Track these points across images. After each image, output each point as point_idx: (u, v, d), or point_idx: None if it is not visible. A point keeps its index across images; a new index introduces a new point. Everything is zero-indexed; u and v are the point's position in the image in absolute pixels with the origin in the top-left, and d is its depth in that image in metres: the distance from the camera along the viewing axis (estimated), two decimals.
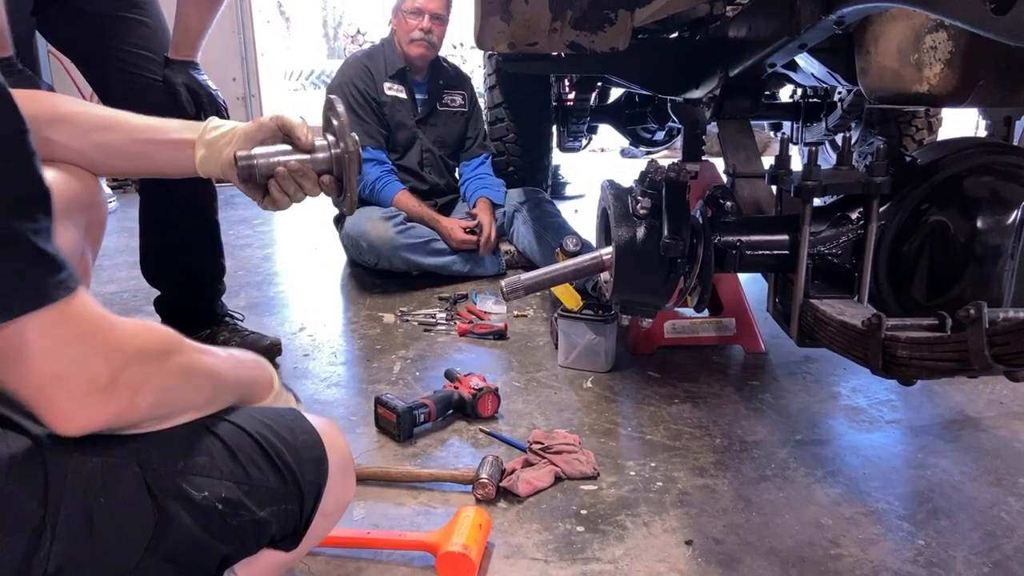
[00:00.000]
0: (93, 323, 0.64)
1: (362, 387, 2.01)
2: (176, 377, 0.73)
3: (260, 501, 0.79)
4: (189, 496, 0.73)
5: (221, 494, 0.75)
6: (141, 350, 0.68)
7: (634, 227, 1.23)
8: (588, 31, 1.88)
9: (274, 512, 0.81)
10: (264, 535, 0.81)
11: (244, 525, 0.78)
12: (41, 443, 0.66)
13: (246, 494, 0.78)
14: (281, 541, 0.85)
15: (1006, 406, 1.90)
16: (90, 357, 0.63)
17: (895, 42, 1.50)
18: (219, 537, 0.76)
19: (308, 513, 0.86)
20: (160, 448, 0.73)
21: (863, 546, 1.35)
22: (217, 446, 0.78)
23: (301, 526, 0.86)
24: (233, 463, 0.78)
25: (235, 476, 0.77)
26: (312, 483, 0.85)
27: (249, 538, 0.80)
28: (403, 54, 3.05)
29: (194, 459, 0.75)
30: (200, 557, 0.76)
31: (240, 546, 0.79)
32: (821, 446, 1.71)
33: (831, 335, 1.19)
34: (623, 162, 6.44)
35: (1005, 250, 1.22)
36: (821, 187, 1.23)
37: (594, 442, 1.71)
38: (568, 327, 2.11)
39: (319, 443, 0.88)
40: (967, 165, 1.27)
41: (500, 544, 1.34)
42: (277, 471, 0.81)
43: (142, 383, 0.68)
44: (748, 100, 1.81)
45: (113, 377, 0.65)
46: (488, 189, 3.18)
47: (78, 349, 0.63)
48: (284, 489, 0.82)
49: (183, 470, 0.74)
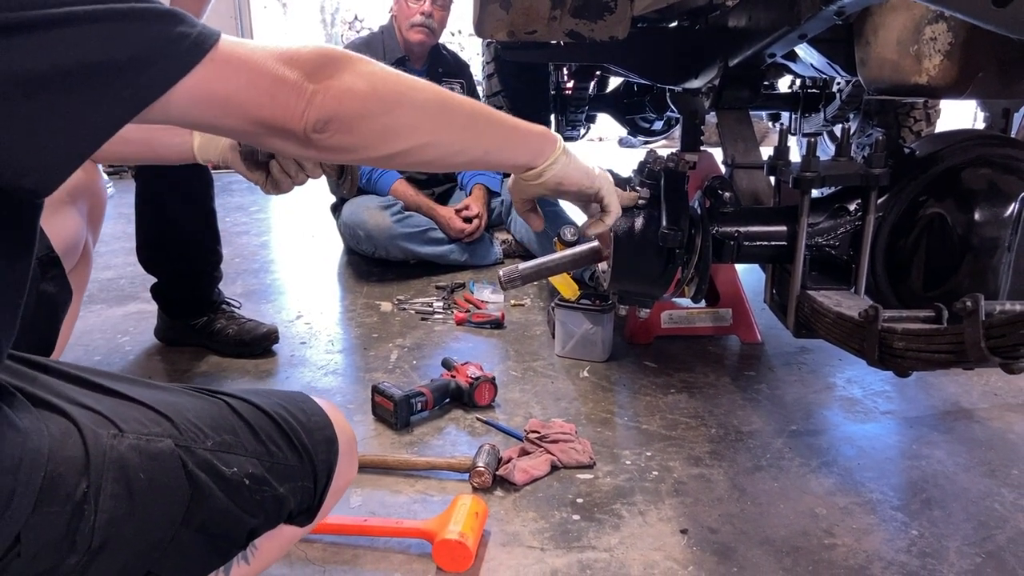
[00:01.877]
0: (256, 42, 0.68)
1: (359, 375, 2.02)
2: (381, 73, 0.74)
3: (280, 477, 0.83)
4: (220, 472, 0.76)
5: (248, 470, 0.79)
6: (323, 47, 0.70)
7: (632, 217, 1.22)
8: (587, 19, 1.87)
9: (292, 488, 0.85)
10: (284, 510, 0.85)
11: (267, 500, 0.81)
12: (80, 424, 0.69)
13: (268, 470, 0.81)
14: (297, 516, 0.89)
15: (1000, 397, 1.91)
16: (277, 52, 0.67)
17: (895, 33, 1.49)
18: (247, 510, 0.79)
19: (321, 490, 0.89)
20: (191, 426, 0.76)
21: (857, 536, 1.36)
22: (240, 425, 0.82)
23: (315, 502, 0.90)
24: (256, 441, 0.82)
25: (258, 453, 0.81)
26: (324, 462, 0.89)
27: (272, 512, 0.83)
28: (403, 40, 3.04)
29: (222, 437, 0.78)
30: (230, 529, 0.79)
31: (265, 519, 0.83)
32: (816, 436, 1.72)
33: (828, 326, 1.20)
34: (621, 151, 6.42)
35: (1002, 242, 1.23)
36: (819, 178, 1.23)
37: (590, 431, 1.71)
38: (565, 316, 2.11)
39: (329, 424, 0.92)
40: (965, 157, 1.27)
41: (496, 532, 1.35)
42: (294, 449, 0.85)
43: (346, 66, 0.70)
44: (747, 90, 1.81)
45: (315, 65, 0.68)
46: (484, 176, 3.17)
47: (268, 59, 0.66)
48: (301, 467, 0.86)
49: (213, 447, 0.77)
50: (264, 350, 2.14)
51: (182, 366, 2.08)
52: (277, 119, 0.67)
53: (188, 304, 2.16)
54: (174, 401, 0.78)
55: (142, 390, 0.78)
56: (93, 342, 2.23)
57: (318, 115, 0.68)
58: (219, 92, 0.64)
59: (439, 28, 3.03)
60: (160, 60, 0.59)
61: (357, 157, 0.75)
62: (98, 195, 1.00)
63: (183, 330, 2.18)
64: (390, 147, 0.75)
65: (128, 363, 2.11)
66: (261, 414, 0.84)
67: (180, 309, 2.18)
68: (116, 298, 2.65)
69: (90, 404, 0.72)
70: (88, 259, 1.02)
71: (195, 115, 0.65)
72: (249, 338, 2.12)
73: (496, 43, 3.26)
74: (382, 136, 0.74)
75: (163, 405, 0.76)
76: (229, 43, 0.65)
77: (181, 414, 0.76)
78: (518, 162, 0.91)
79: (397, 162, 0.78)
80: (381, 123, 0.73)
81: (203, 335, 2.15)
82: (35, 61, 0.53)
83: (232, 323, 2.15)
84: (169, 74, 0.60)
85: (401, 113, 0.74)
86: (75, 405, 0.70)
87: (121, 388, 0.76)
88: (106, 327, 2.35)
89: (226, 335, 2.12)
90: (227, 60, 0.64)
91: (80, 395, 0.73)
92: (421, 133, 0.77)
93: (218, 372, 2.04)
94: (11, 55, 0.52)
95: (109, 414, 0.71)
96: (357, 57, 0.72)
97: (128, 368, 2.08)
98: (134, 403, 0.75)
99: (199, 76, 0.62)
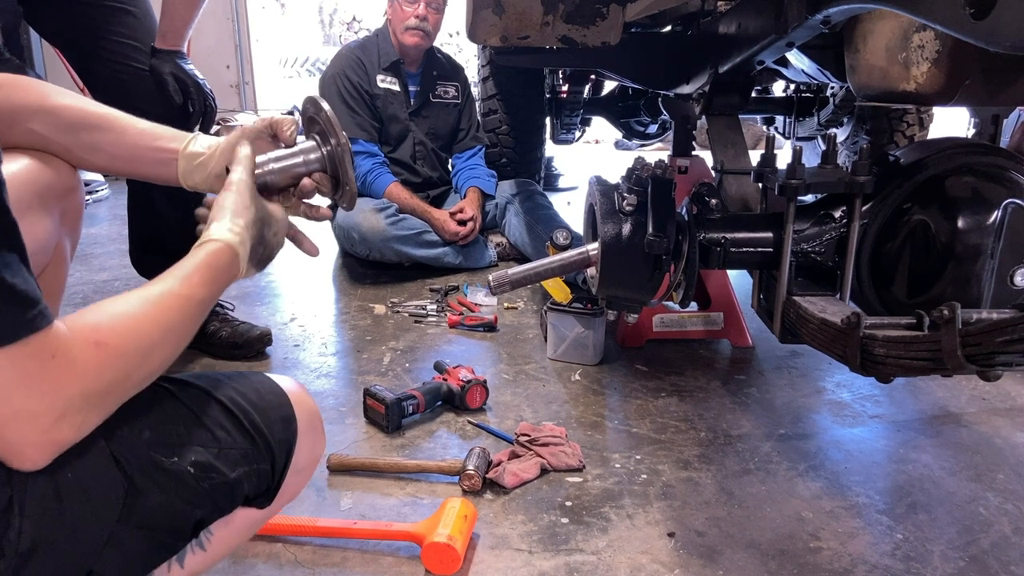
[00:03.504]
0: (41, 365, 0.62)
1: (352, 378, 2.03)
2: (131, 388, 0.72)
3: (231, 463, 0.81)
4: (158, 463, 0.74)
5: (191, 458, 0.77)
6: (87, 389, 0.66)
7: (620, 223, 1.24)
8: (580, 25, 1.88)
9: (246, 472, 0.83)
10: (238, 495, 0.83)
11: (216, 487, 0.79)
12: None
13: (215, 457, 0.79)
14: (255, 499, 0.87)
15: (988, 402, 1.93)
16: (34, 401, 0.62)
17: (883, 40, 1.51)
18: (191, 501, 0.77)
19: (280, 471, 0.88)
20: (126, 419, 0.73)
21: (842, 539, 1.37)
22: (183, 412, 0.79)
23: (274, 484, 0.88)
24: (199, 428, 0.79)
25: (203, 440, 0.79)
26: (282, 441, 0.87)
27: (223, 499, 0.81)
28: (398, 44, 3.05)
29: (162, 427, 0.76)
30: (173, 522, 0.77)
31: (214, 508, 0.81)
32: (804, 440, 1.73)
33: (812, 332, 1.21)
34: (617, 154, 6.44)
35: (985, 250, 1.24)
36: (805, 185, 1.25)
37: (581, 434, 1.73)
38: (557, 320, 2.12)
39: (286, 402, 0.90)
40: (949, 165, 1.29)
41: (485, 535, 1.36)
42: (245, 432, 0.83)
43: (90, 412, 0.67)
44: (737, 96, 1.82)
45: (57, 419, 0.63)
46: (479, 180, 3.18)
47: (22, 393, 0.61)
48: (254, 450, 0.83)
49: (150, 440, 0.75)
50: (257, 352, 2.15)
51: (175, 368, 2.05)
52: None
53: None
54: None
55: None
56: None
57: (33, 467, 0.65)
58: None
59: (434, 31, 3.04)
60: None
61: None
62: (73, 197, 0.99)
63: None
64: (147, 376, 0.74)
65: None
66: (206, 398, 0.82)
67: None
68: None
69: None
70: (63, 262, 1.01)
71: None
72: (242, 340, 2.13)
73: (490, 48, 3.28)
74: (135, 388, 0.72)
75: None
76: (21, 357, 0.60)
77: None
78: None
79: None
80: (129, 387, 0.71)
81: (197, 337, 2.15)
82: None
83: (225, 325, 2.16)
84: None
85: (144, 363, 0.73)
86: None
87: None
88: None
89: (219, 337, 2.13)
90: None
91: None
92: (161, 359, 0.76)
93: None
94: None
95: None
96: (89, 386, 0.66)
97: None
98: None
99: None
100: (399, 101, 3.10)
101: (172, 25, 1.85)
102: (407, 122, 3.13)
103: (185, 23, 1.86)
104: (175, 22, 1.85)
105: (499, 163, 3.55)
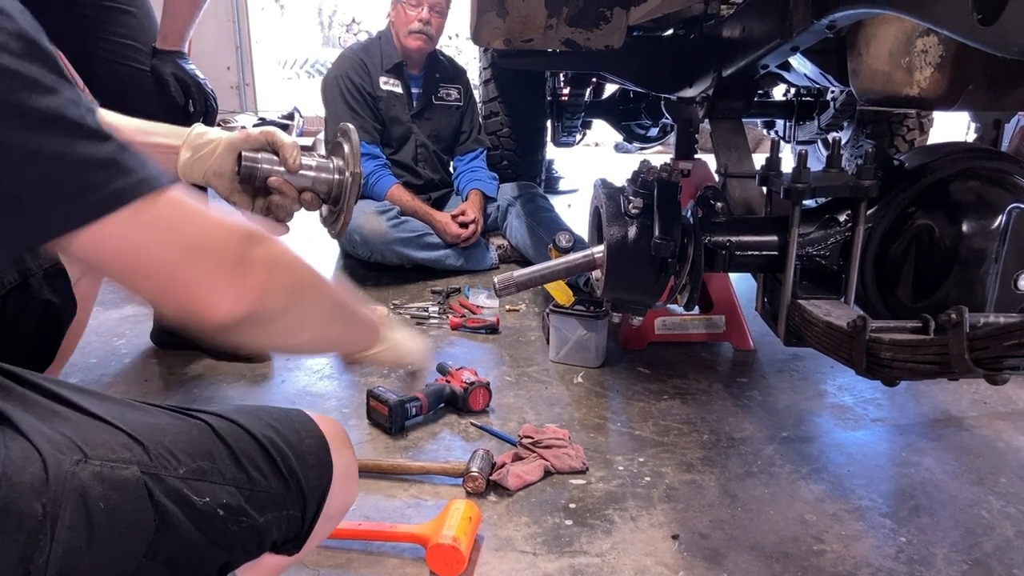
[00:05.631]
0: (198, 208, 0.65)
1: (354, 380, 2.03)
2: (299, 269, 0.75)
3: (260, 507, 0.78)
4: (190, 501, 0.72)
5: (222, 500, 0.75)
6: (254, 231, 0.69)
7: (625, 226, 1.24)
8: (583, 28, 1.89)
9: (275, 518, 0.80)
10: (265, 541, 0.81)
11: (244, 531, 0.77)
12: (42, 449, 0.66)
13: (247, 499, 0.77)
14: (283, 545, 0.84)
15: (990, 406, 1.93)
16: (211, 232, 0.65)
17: (887, 45, 1.51)
18: (219, 543, 0.75)
19: (311, 518, 0.85)
20: (162, 452, 0.72)
21: (845, 542, 1.37)
22: (220, 449, 0.77)
23: (304, 531, 0.85)
24: (236, 467, 0.77)
25: (237, 481, 0.76)
26: (316, 488, 0.84)
27: (250, 544, 0.79)
28: (400, 47, 3.05)
29: (197, 463, 0.74)
30: (200, 562, 0.75)
31: (242, 552, 0.79)
32: (807, 443, 1.73)
33: (817, 335, 1.21)
34: (618, 157, 6.45)
35: (989, 254, 1.24)
36: (810, 189, 1.25)
37: (584, 437, 1.73)
38: (560, 322, 2.13)
39: (325, 447, 0.87)
40: (954, 170, 1.29)
41: (489, 537, 1.36)
42: (280, 476, 0.81)
43: (271, 262, 0.69)
44: (741, 100, 1.82)
45: (241, 251, 0.66)
46: (481, 182, 3.19)
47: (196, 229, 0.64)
48: (287, 494, 0.81)
49: (185, 475, 0.73)
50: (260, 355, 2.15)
51: (177, 369, 2.09)
52: (176, 303, 0.65)
53: None
54: (151, 423, 0.75)
55: (121, 410, 0.75)
56: (89, 345, 2.23)
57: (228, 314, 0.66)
58: (117, 260, 0.62)
59: (436, 35, 3.05)
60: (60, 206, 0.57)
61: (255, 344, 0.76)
62: None
63: (178, 334, 2.18)
64: (287, 342, 0.78)
65: (124, 366, 2.12)
66: (246, 436, 0.80)
67: None
68: (112, 300, 2.66)
69: (59, 426, 0.68)
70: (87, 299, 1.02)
71: (100, 266, 0.63)
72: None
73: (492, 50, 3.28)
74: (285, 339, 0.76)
75: (138, 428, 0.72)
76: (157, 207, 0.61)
77: (155, 438, 0.72)
78: (352, 350, 0.96)
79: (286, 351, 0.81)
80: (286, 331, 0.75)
81: (198, 339, 2.15)
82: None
83: None
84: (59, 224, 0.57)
85: (301, 313, 0.76)
86: (43, 426, 0.67)
87: (97, 409, 0.73)
88: (102, 330, 2.36)
89: None
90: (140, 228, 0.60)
91: (52, 415, 0.70)
92: (311, 329, 0.79)
93: (213, 376, 2.05)
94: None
95: (76, 438, 0.68)
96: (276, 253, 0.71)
97: (124, 371, 2.09)
98: (107, 425, 0.71)
99: (97, 234, 0.58)
100: (401, 103, 3.10)
101: (173, 26, 1.85)
102: (409, 124, 3.13)
103: (186, 24, 1.86)
104: (176, 23, 1.85)
105: (500, 165, 3.56)
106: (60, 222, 0.57)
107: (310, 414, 0.90)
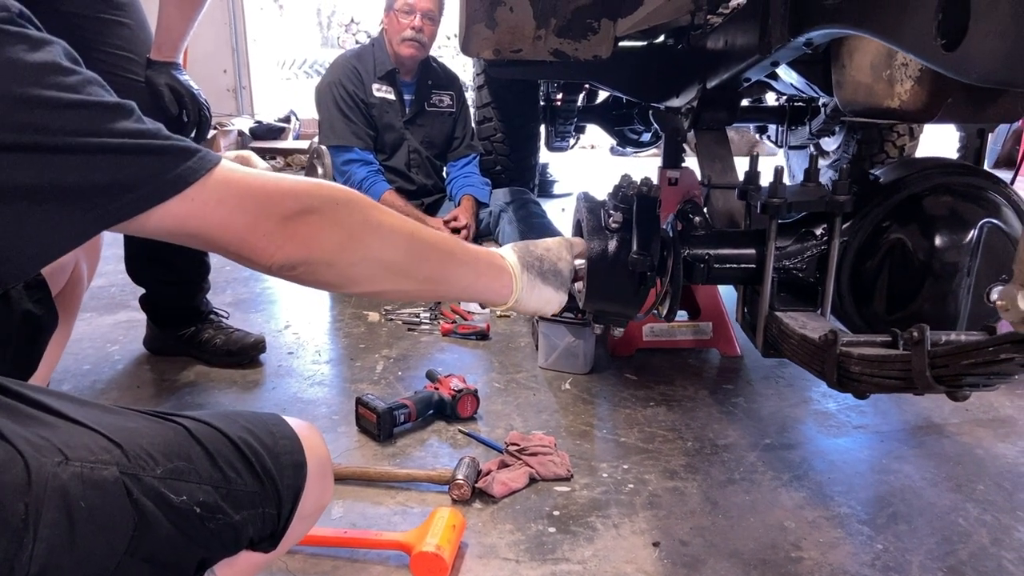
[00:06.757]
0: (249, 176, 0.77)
1: (345, 386, 2.05)
2: (358, 227, 0.85)
3: (237, 504, 0.82)
4: (168, 500, 0.75)
5: (199, 498, 0.78)
6: (300, 189, 0.80)
7: (605, 240, 1.26)
8: (571, 39, 1.91)
9: (251, 515, 0.84)
10: (242, 538, 0.84)
11: (221, 528, 0.80)
12: (24, 452, 0.68)
13: (223, 498, 0.80)
14: (259, 543, 0.88)
15: (971, 413, 1.96)
16: (262, 195, 0.77)
17: (869, 58, 1.54)
18: (197, 540, 0.78)
19: (286, 516, 0.88)
20: (140, 453, 0.75)
21: (823, 549, 1.40)
22: (197, 450, 0.80)
23: (279, 529, 0.89)
24: (212, 467, 0.80)
25: (213, 480, 0.80)
26: (290, 487, 0.88)
27: (227, 540, 0.82)
28: (393, 54, 3.08)
29: (174, 463, 0.77)
30: (179, 559, 0.78)
31: (219, 548, 0.82)
32: (789, 450, 1.76)
33: (793, 347, 1.24)
34: (612, 160, 6.47)
35: (962, 268, 1.27)
36: (786, 204, 1.28)
37: (570, 444, 1.75)
38: (548, 329, 2.15)
39: (299, 448, 0.91)
40: (927, 185, 1.32)
41: (473, 544, 1.39)
42: (255, 475, 0.84)
43: (325, 217, 0.81)
44: (725, 112, 1.85)
45: (287, 209, 0.78)
46: (473, 187, 3.21)
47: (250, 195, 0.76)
48: (262, 493, 0.84)
49: (163, 475, 0.76)
50: (251, 360, 2.17)
51: (170, 376, 2.11)
52: (245, 256, 0.79)
53: (176, 314, 2.19)
54: (129, 427, 0.78)
55: (100, 415, 0.78)
56: (83, 351, 2.26)
57: (284, 261, 0.79)
58: (190, 226, 0.74)
59: (429, 42, 3.08)
60: (138, 188, 0.69)
61: (325, 282, 0.86)
62: None
63: (171, 340, 2.21)
64: (356, 289, 0.88)
65: (117, 372, 2.14)
66: (222, 438, 0.83)
67: (168, 319, 2.21)
68: (106, 306, 2.68)
69: (40, 430, 0.71)
70: (80, 282, 1.04)
71: (170, 236, 0.75)
72: (236, 348, 2.16)
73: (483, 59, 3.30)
74: (347, 281, 0.86)
75: (116, 431, 0.75)
76: (218, 178, 0.74)
77: (133, 440, 0.75)
78: (489, 300, 1.08)
79: (372, 293, 0.91)
80: (345, 274, 0.85)
81: (191, 345, 2.18)
82: (39, 177, 0.64)
83: (220, 333, 2.18)
84: (140, 203, 0.70)
85: (365, 266, 0.86)
86: (24, 431, 0.70)
87: (77, 414, 0.76)
88: (95, 335, 2.38)
89: (214, 345, 2.16)
90: (206, 199, 0.73)
91: (33, 420, 0.73)
92: (382, 283, 0.90)
93: (205, 382, 2.08)
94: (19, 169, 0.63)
95: (57, 441, 0.71)
96: (342, 203, 0.83)
97: (117, 377, 2.11)
98: (87, 429, 0.74)
99: (173, 209, 0.71)
100: (394, 110, 3.13)
101: (168, 37, 1.87)
102: (402, 130, 3.16)
103: (180, 35, 1.88)
104: (171, 34, 1.87)
105: (493, 171, 3.58)
106: (143, 201, 0.70)
107: (285, 418, 0.94)
